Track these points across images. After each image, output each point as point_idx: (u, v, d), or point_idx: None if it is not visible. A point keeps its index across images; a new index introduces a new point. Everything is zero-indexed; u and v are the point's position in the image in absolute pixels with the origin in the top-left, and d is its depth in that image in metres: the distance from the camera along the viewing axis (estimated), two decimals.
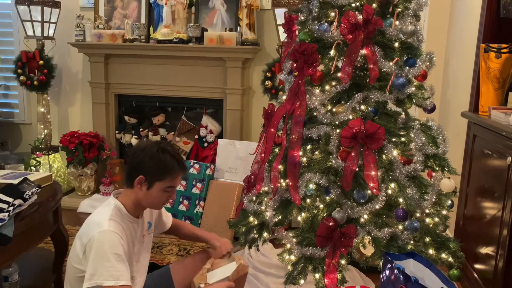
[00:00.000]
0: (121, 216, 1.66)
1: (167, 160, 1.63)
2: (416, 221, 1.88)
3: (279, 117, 2.06)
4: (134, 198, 1.67)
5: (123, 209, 1.66)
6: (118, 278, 1.50)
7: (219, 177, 3.34)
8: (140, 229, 1.77)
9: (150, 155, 1.63)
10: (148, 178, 1.63)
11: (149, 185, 1.63)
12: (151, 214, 1.87)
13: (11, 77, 3.94)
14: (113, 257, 1.52)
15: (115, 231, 1.57)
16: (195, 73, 3.61)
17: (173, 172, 1.64)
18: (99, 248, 1.52)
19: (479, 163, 2.31)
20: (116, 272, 1.51)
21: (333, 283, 1.83)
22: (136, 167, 1.65)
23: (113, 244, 1.54)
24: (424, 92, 2.04)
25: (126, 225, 1.66)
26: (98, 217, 1.62)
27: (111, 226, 1.57)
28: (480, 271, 2.21)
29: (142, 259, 1.82)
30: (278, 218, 2.02)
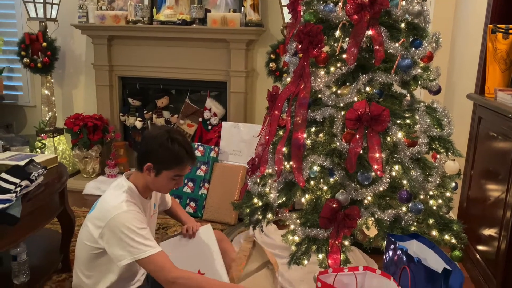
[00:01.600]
0: (135, 197, 1.70)
1: (176, 150, 1.65)
2: (419, 203, 1.89)
3: (283, 100, 2.05)
4: (144, 182, 1.71)
5: (135, 191, 1.70)
6: (155, 246, 1.57)
7: (223, 159, 3.35)
8: (149, 209, 1.81)
9: (159, 143, 1.65)
10: (156, 166, 1.65)
11: (156, 172, 1.66)
12: (155, 195, 1.90)
13: (14, 59, 3.93)
14: (141, 231, 1.57)
15: (135, 209, 1.62)
16: (198, 55, 3.59)
17: (180, 162, 1.66)
18: (124, 228, 1.55)
19: (484, 146, 2.31)
20: (150, 242, 1.56)
21: (336, 263, 1.85)
22: (146, 153, 1.68)
23: (137, 220, 1.58)
24: (430, 74, 2.02)
25: (139, 205, 1.70)
26: (114, 199, 1.65)
27: (129, 205, 1.61)
28: (482, 252, 2.23)
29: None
30: (282, 199, 2.03)
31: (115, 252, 1.57)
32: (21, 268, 2.03)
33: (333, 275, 1.68)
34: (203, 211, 3.14)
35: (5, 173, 1.88)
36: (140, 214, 1.62)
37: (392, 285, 1.64)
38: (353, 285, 1.70)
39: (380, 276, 1.70)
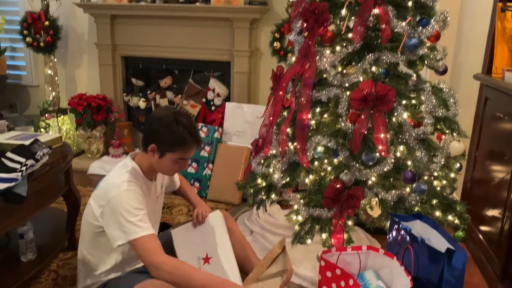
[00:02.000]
0: (138, 177, 1.69)
1: (180, 132, 1.62)
2: (423, 184, 1.89)
3: (288, 80, 2.04)
4: (148, 163, 1.70)
5: (139, 171, 1.70)
6: (148, 228, 1.56)
7: (227, 140, 3.35)
8: (154, 190, 1.81)
9: (164, 125, 1.63)
10: (160, 148, 1.64)
11: (160, 154, 1.66)
12: (162, 176, 1.90)
13: (17, 38, 3.90)
14: (138, 211, 1.57)
15: (135, 189, 1.62)
16: (202, 34, 3.56)
17: (184, 145, 1.64)
18: (121, 208, 1.55)
19: (490, 126, 2.29)
20: (144, 224, 1.56)
21: (340, 243, 1.86)
22: (151, 134, 1.67)
23: (136, 201, 1.58)
24: (437, 54, 2.00)
25: (142, 186, 1.70)
26: (116, 178, 1.65)
27: (130, 186, 1.61)
28: (485, 233, 2.24)
29: (157, 219, 1.88)
30: (286, 180, 2.04)
31: (112, 232, 1.57)
32: (28, 246, 2.06)
33: (337, 254, 1.70)
34: (207, 191, 3.16)
35: (10, 152, 1.89)
36: (139, 196, 1.61)
37: (395, 264, 1.66)
38: (356, 264, 1.72)
39: (383, 256, 1.72)
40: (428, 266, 1.52)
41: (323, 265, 1.66)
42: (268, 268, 1.75)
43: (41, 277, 2.09)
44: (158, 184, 1.85)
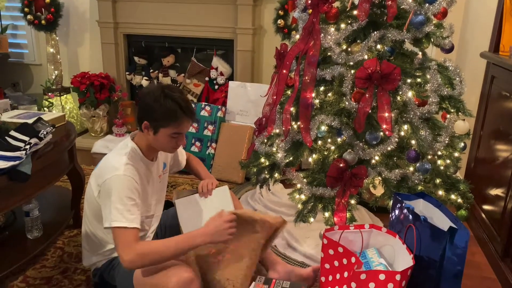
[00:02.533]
0: (137, 159, 1.68)
1: (169, 106, 1.58)
2: (427, 163, 1.89)
3: (291, 58, 2.01)
4: (146, 141, 1.69)
5: (139, 152, 1.69)
6: (132, 221, 1.54)
7: (230, 119, 3.34)
8: (156, 170, 1.80)
9: (153, 100, 1.59)
10: (152, 124, 1.61)
11: (154, 130, 1.63)
12: (165, 155, 1.90)
13: (18, 16, 3.86)
14: (128, 200, 1.55)
15: (131, 175, 1.59)
16: (204, 11, 3.50)
17: (175, 119, 1.60)
18: (114, 192, 1.55)
19: (496, 105, 2.27)
20: (130, 216, 1.54)
21: (342, 221, 1.87)
22: (142, 111, 1.64)
23: (128, 189, 1.57)
24: (443, 31, 1.96)
25: (141, 167, 1.69)
26: (115, 160, 1.64)
27: (127, 171, 1.59)
28: (488, 211, 2.25)
29: (161, 198, 1.89)
30: (289, 159, 2.04)
31: (103, 213, 1.57)
32: (34, 224, 2.09)
33: (339, 232, 1.71)
34: (211, 170, 3.17)
35: (14, 130, 1.89)
36: (134, 183, 1.59)
37: (398, 242, 1.67)
38: (358, 242, 1.73)
39: (385, 234, 1.73)
40: (430, 244, 1.53)
41: (325, 243, 1.67)
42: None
43: (47, 254, 2.12)
44: (160, 164, 1.84)
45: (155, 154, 1.77)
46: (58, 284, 1.91)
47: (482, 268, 2.13)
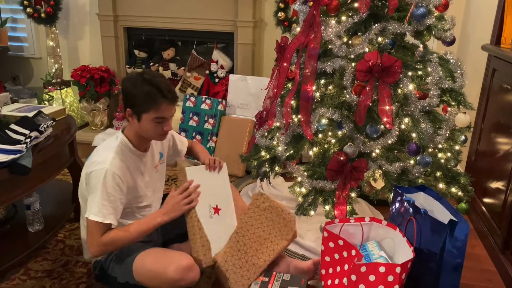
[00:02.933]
0: (127, 152, 1.67)
1: (147, 90, 1.56)
2: (428, 156, 1.89)
3: (292, 51, 2.01)
4: (134, 131, 1.67)
5: (129, 145, 1.68)
6: (106, 216, 1.56)
7: (230, 113, 3.33)
8: (151, 161, 1.79)
9: (132, 86, 1.59)
10: (134, 111, 1.60)
11: (137, 117, 1.61)
12: (162, 145, 1.88)
13: (17, 9, 3.85)
14: (107, 196, 1.56)
15: (116, 171, 1.59)
16: (205, 4, 3.49)
17: (155, 103, 1.57)
18: (96, 185, 1.57)
19: (497, 98, 2.27)
20: (105, 210, 1.56)
21: (343, 214, 1.88)
22: (124, 99, 1.64)
23: (110, 184, 1.57)
24: (445, 24, 1.95)
25: (132, 160, 1.68)
26: (103, 153, 1.64)
27: (113, 165, 1.59)
28: (488, 204, 2.25)
29: (159, 188, 1.88)
30: (289, 152, 2.04)
31: (87, 203, 1.60)
32: (35, 217, 2.09)
33: (339, 225, 1.71)
34: None
35: (14, 124, 1.89)
36: (117, 178, 1.59)
37: (398, 235, 1.67)
38: (359, 235, 1.74)
39: (386, 227, 1.73)
40: (431, 237, 1.53)
41: (326, 236, 1.68)
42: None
43: (49, 247, 2.13)
44: (155, 154, 1.83)
45: (146, 144, 1.75)
46: (59, 276, 1.92)
47: (482, 261, 2.14)
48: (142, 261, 1.63)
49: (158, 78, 1.61)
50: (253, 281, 1.71)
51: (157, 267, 1.59)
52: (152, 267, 1.60)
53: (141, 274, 1.62)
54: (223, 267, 1.71)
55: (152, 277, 1.60)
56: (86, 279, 1.90)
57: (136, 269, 1.63)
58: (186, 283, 1.60)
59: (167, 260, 1.60)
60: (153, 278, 1.60)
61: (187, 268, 1.58)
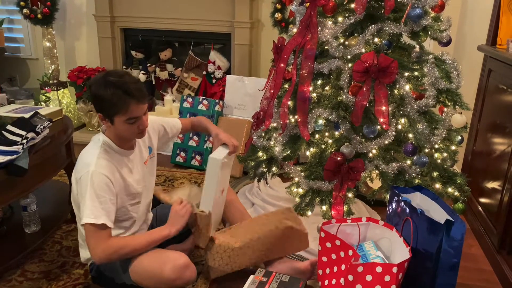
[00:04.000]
0: (111, 152, 1.65)
1: (113, 93, 1.52)
2: (424, 156, 1.89)
3: (289, 51, 2.01)
4: (114, 132, 1.64)
5: (112, 144, 1.65)
6: (99, 217, 1.53)
7: (228, 113, 3.34)
8: (139, 158, 1.77)
9: (97, 90, 1.55)
10: (104, 114, 1.58)
11: (110, 120, 1.58)
12: (149, 139, 1.85)
13: (14, 10, 3.84)
14: (97, 197, 1.54)
15: (102, 172, 1.57)
16: (202, 5, 3.49)
17: (123, 105, 1.53)
18: (86, 189, 1.54)
19: (493, 99, 2.28)
20: (97, 212, 1.54)
21: (340, 214, 1.88)
22: (94, 103, 1.61)
23: (99, 186, 1.55)
24: (441, 24, 1.96)
25: (117, 159, 1.66)
26: (88, 156, 1.62)
27: (99, 166, 1.57)
28: (485, 204, 2.26)
29: (148, 183, 1.86)
30: (286, 153, 2.04)
31: (80, 210, 1.57)
32: (32, 218, 2.09)
33: (336, 225, 1.72)
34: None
35: (10, 125, 1.89)
36: (105, 178, 1.56)
37: (395, 235, 1.68)
38: (356, 235, 1.74)
39: (382, 227, 1.74)
40: (427, 237, 1.54)
41: (323, 236, 1.68)
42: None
43: (45, 248, 2.13)
44: (143, 150, 1.80)
45: (130, 142, 1.72)
46: (56, 278, 1.92)
47: (478, 260, 2.15)
48: (139, 261, 1.63)
49: (124, 78, 1.56)
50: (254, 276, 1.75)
51: (153, 266, 1.59)
52: (148, 266, 1.60)
53: (137, 274, 1.62)
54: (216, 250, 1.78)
55: (149, 277, 1.60)
56: (83, 280, 1.90)
57: (133, 269, 1.63)
58: (182, 282, 1.60)
59: (164, 260, 1.60)
60: (150, 277, 1.60)
61: (184, 267, 1.58)
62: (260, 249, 1.82)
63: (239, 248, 1.78)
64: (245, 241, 1.80)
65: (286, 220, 1.85)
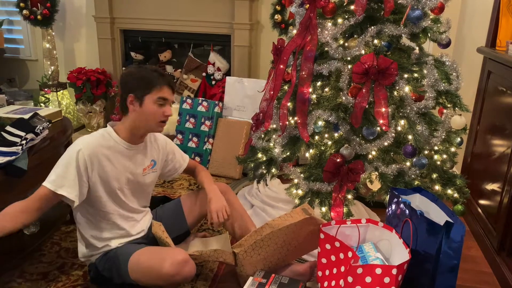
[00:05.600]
0: (108, 138, 1.69)
1: (147, 72, 1.68)
2: (424, 158, 1.90)
3: (288, 53, 2.01)
4: (130, 122, 1.69)
5: (112, 133, 1.70)
6: (60, 186, 1.59)
7: (227, 115, 3.33)
8: (141, 161, 1.77)
9: (131, 74, 1.69)
10: (137, 94, 1.65)
11: (140, 101, 1.66)
12: (157, 152, 1.86)
13: (13, 11, 3.84)
14: (66, 168, 1.60)
15: (84, 151, 1.62)
16: (201, 7, 3.49)
17: (156, 83, 1.66)
18: (63, 157, 1.63)
19: (492, 100, 2.28)
20: (60, 181, 1.59)
21: (339, 216, 1.88)
22: (124, 89, 1.68)
23: (72, 159, 1.60)
24: (440, 26, 1.96)
25: (110, 147, 1.68)
26: (83, 137, 1.69)
27: (84, 145, 1.63)
28: (484, 206, 2.25)
29: (142, 194, 1.84)
30: (286, 154, 2.04)
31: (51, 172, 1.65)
32: None
33: (336, 227, 1.71)
34: (208, 165, 3.17)
35: (9, 126, 1.89)
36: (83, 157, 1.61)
37: (394, 237, 1.67)
38: (355, 237, 1.74)
39: (382, 229, 1.73)
40: (427, 238, 1.54)
41: (322, 237, 1.68)
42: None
43: (44, 249, 2.12)
44: (147, 157, 1.80)
45: (138, 137, 1.74)
46: (55, 279, 1.91)
47: (478, 262, 2.14)
48: (137, 259, 1.63)
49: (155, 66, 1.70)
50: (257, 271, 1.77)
51: (152, 263, 1.59)
52: (147, 263, 1.60)
53: (136, 271, 1.62)
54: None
55: (148, 273, 1.60)
56: (82, 282, 1.89)
57: (132, 268, 1.63)
58: (181, 277, 1.59)
59: (162, 256, 1.60)
60: (149, 274, 1.60)
61: (183, 262, 1.58)
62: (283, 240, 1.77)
63: (261, 240, 1.76)
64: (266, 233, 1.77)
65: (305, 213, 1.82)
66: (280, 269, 1.84)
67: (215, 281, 1.90)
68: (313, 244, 1.78)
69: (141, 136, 1.75)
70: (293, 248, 1.82)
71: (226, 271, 1.97)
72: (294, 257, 1.90)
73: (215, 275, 1.95)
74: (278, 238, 1.77)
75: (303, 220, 1.74)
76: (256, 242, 1.77)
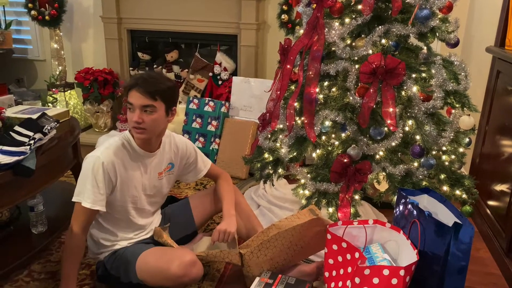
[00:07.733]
0: (126, 146, 1.70)
1: (135, 76, 1.70)
2: (432, 158, 1.88)
3: (295, 53, 2.01)
4: None
5: (131, 141, 1.72)
6: (91, 202, 1.61)
7: (234, 115, 3.33)
8: (156, 165, 1.79)
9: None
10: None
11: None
12: (175, 155, 1.87)
13: (22, 12, 3.86)
14: (95, 182, 1.61)
15: (105, 160, 1.63)
16: (208, 7, 3.50)
17: (128, 86, 1.65)
18: (86, 171, 1.63)
19: (501, 100, 2.26)
20: (94, 197, 1.61)
21: (346, 216, 1.87)
22: None
23: (95, 170, 1.61)
24: (448, 26, 1.95)
25: (128, 155, 1.70)
26: (103, 144, 1.71)
27: (104, 155, 1.64)
28: (493, 207, 2.23)
29: (158, 195, 1.86)
30: (293, 154, 2.04)
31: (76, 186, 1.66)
32: (39, 219, 2.10)
33: (343, 227, 1.71)
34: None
35: (18, 126, 1.90)
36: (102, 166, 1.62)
37: (402, 238, 1.66)
38: (362, 238, 1.73)
39: (389, 230, 1.72)
40: (435, 240, 1.52)
41: (329, 238, 1.67)
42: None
43: (52, 249, 2.13)
44: (164, 161, 1.82)
45: (149, 144, 1.73)
46: None
47: (486, 264, 2.12)
48: (145, 259, 1.63)
49: (148, 72, 1.68)
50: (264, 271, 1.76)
51: (160, 263, 1.60)
52: (155, 264, 1.61)
53: (144, 271, 1.62)
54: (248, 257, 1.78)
55: (156, 274, 1.60)
56: (89, 281, 1.90)
57: (139, 267, 1.63)
58: (189, 279, 1.59)
59: (170, 257, 1.60)
60: (157, 275, 1.60)
61: (190, 264, 1.58)
62: (290, 240, 1.77)
63: (267, 241, 1.76)
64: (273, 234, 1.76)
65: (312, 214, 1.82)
66: (287, 269, 1.83)
67: (222, 281, 1.90)
68: (320, 245, 1.77)
69: (150, 143, 1.74)
70: (300, 249, 1.81)
71: (232, 272, 1.97)
72: (301, 258, 1.90)
73: (222, 275, 1.95)
74: (285, 239, 1.76)
75: (310, 221, 1.74)
76: (262, 243, 1.76)
